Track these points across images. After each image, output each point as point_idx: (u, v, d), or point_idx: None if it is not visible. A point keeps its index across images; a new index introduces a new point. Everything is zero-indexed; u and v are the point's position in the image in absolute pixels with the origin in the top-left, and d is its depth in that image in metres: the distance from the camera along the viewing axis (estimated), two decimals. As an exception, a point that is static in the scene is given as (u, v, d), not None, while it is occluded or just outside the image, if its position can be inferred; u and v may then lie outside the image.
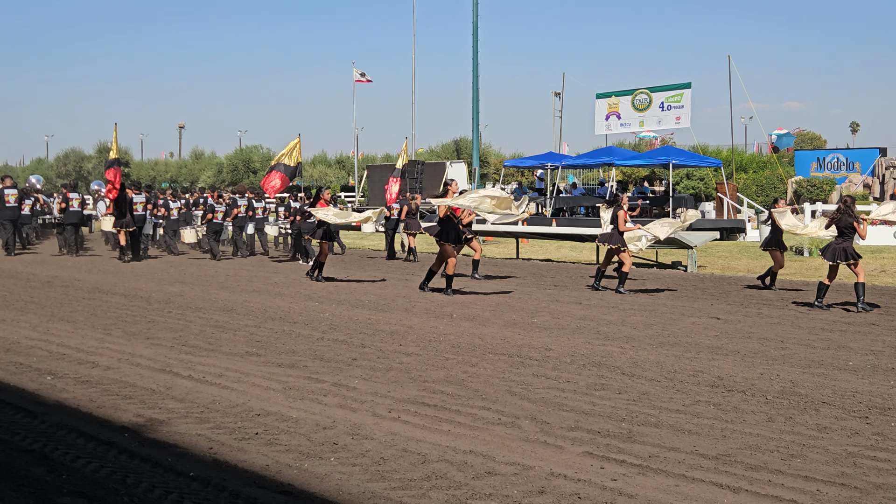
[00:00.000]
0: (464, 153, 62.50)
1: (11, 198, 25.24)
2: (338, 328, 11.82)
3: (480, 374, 8.92)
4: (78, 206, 25.45)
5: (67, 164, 75.11)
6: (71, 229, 25.61)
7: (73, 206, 25.18)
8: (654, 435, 6.66)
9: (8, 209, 25.16)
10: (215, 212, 24.42)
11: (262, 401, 7.75)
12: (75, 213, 25.37)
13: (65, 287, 16.71)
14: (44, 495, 5.30)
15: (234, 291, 16.04)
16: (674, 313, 13.43)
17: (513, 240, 27.09)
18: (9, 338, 10.97)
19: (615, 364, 9.42)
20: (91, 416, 7.25)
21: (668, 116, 40.27)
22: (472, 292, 16.00)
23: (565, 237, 25.96)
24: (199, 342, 10.72)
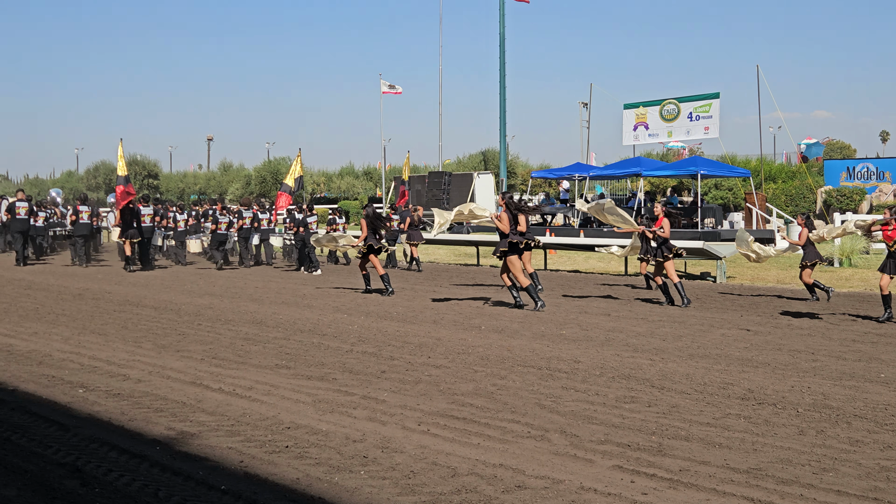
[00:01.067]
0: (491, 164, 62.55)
1: (22, 210, 26.57)
2: (366, 340, 11.85)
3: (509, 386, 8.91)
4: (87, 218, 26.51)
5: (97, 177, 75.64)
6: (81, 240, 26.57)
7: (83, 219, 26.32)
8: (685, 448, 6.64)
9: (18, 221, 26.53)
10: (219, 223, 25.54)
11: (292, 414, 7.78)
12: (85, 225, 26.44)
13: (95, 300, 16.84)
14: (77, 508, 5.35)
15: (264, 304, 16.11)
16: (703, 325, 13.37)
17: (540, 251, 27.04)
18: (41, 350, 11.07)
19: (644, 376, 9.39)
20: (123, 429, 7.30)
21: (696, 126, 40.16)
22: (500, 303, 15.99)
23: (594, 248, 25.85)
24: (229, 355, 10.78)
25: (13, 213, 26.79)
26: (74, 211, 26.64)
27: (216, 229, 25.56)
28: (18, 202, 26.86)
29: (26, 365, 10.10)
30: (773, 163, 53.63)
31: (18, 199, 27.24)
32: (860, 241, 23.63)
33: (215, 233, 25.62)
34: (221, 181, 74.32)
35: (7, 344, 11.53)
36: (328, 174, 74.80)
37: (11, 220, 27.04)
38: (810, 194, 41.05)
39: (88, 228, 26.74)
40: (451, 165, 67.31)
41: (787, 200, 41.12)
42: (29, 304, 15.96)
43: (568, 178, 39.36)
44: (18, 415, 7.74)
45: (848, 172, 40.95)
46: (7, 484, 5.80)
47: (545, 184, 55.16)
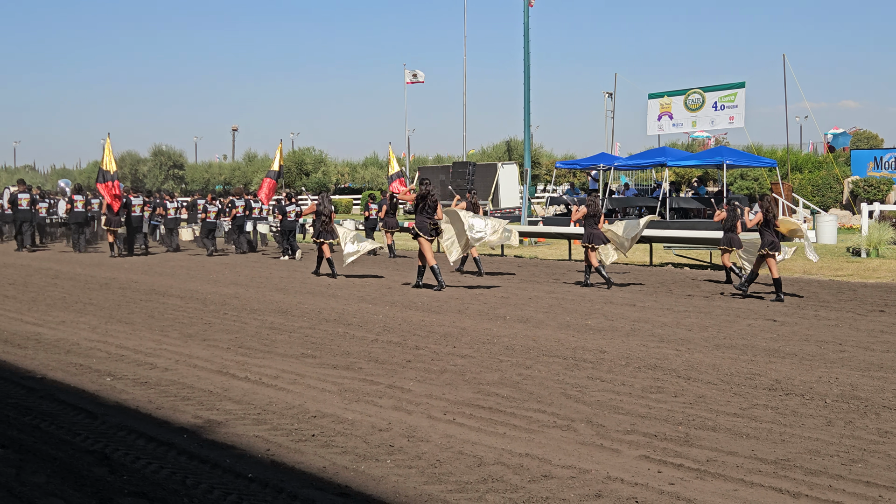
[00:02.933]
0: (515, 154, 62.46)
1: (24, 201, 28.59)
2: (392, 330, 11.86)
3: (535, 376, 8.90)
4: (82, 206, 28.16)
5: (123, 167, 75.73)
6: (76, 228, 28.42)
7: (77, 207, 28.05)
8: (712, 439, 6.61)
9: (21, 211, 28.57)
10: (208, 212, 27.20)
11: (318, 402, 7.80)
12: (79, 214, 28.15)
13: (122, 289, 16.93)
14: (106, 495, 5.38)
15: (289, 293, 16.15)
16: (729, 315, 13.31)
17: (565, 241, 27.02)
18: (69, 339, 11.14)
19: (671, 367, 9.36)
20: (150, 417, 7.34)
21: (721, 116, 39.94)
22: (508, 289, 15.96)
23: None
24: (255, 344, 10.82)
25: (15, 204, 28.58)
26: (69, 200, 28.33)
27: (206, 218, 27.19)
28: (20, 193, 28.67)
29: (54, 353, 10.17)
30: (800, 153, 53.29)
31: (20, 190, 29.05)
32: (888, 232, 23.46)
33: (205, 221, 27.26)
34: (246, 171, 74.39)
35: (35, 333, 11.62)
36: (352, 164, 74.87)
37: (15, 211, 28.72)
38: (837, 184, 40.80)
39: (83, 217, 28.34)
40: (475, 155, 67.23)
41: (814, 191, 40.87)
42: (56, 294, 16.07)
43: (593, 167, 39.22)
44: (47, 403, 7.80)
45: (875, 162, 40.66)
46: (37, 471, 5.84)
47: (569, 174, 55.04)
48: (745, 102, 38.89)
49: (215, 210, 27.38)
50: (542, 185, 60.99)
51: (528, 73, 34.36)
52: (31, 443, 6.52)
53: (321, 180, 67.59)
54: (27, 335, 11.42)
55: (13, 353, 10.19)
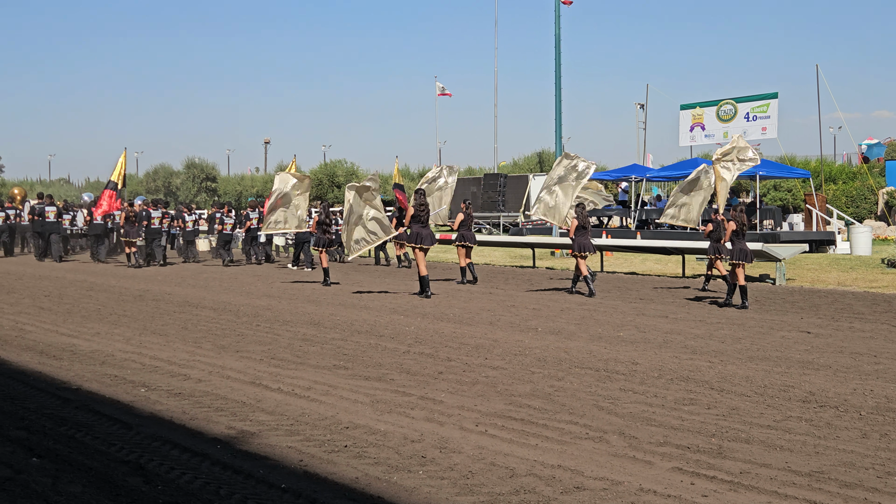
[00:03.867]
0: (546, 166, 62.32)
1: (51, 214, 29.91)
2: (423, 342, 11.88)
3: (567, 388, 8.89)
4: (101, 219, 29.33)
5: (157, 180, 76.38)
6: (95, 239, 29.82)
7: (96, 219, 29.29)
8: (745, 451, 6.58)
9: (48, 224, 29.85)
10: (224, 223, 28.17)
11: (351, 414, 7.82)
12: (99, 226, 29.52)
13: (156, 301, 17.06)
14: (141, 505, 5.44)
15: (321, 305, 16.21)
16: (762, 327, 13.24)
17: (597, 253, 26.98)
18: (104, 350, 11.24)
19: (703, 379, 9.32)
20: (184, 427, 7.39)
21: (753, 127, 39.70)
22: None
23: (650, 250, 25.70)
24: (288, 355, 10.87)
25: (42, 217, 29.81)
26: (88, 212, 29.75)
27: (222, 230, 28.18)
28: (47, 206, 29.94)
29: (89, 364, 10.26)
30: (833, 163, 52.88)
31: (46, 203, 30.24)
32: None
33: (221, 233, 28.26)
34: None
35: (70, 344, 11.73)
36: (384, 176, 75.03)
37: (42, 223, 29.91)
38: (871, 195, 40.48)
39: (102, 228, 29.75)
40: (507, 167, 67.15)
41: (848, 202, 40.60)
42: (91, 305, 16.22)
43: (625, 179, 39.13)
44: (82, 413, 7.87)
45: (911, 173, 40.26)
46: (73, 481, 5.90)
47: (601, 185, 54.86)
48: (777, 113, 38.64)
49: (231, 222, 28.45)
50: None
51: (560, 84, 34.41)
52: (67, 453, 6.58)
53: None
54: (62, 346, 11.53)
55: (49, 364, 10.29)
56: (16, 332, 12.73)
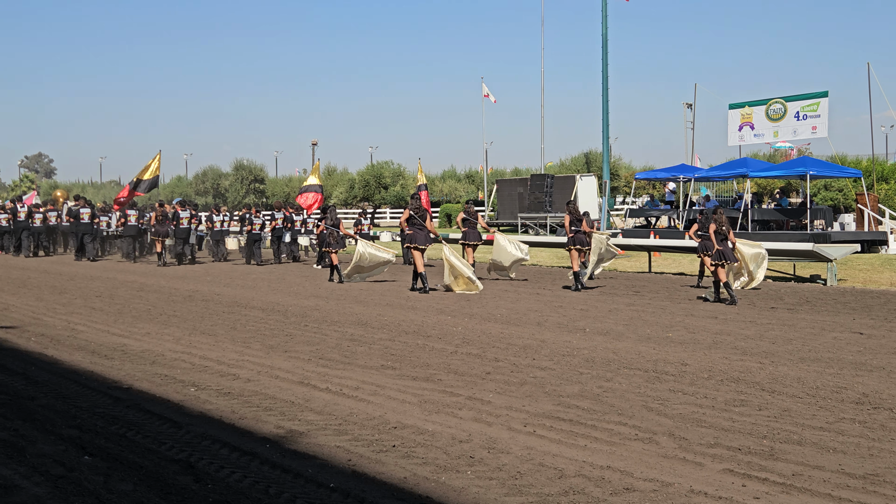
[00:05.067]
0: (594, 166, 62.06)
1: (86, 215, 31.53)
2: (471, 342, 11.87)
3: (616, 388, 8.84)
4: (135, 220, 31.05)
5: (206, 182, 77.05)
6: (129, 240, 31.24)
7: (130, 221, 30.95)
8: (798, 453, 6.49)
9: (83, 224, 31.55)
10: (253, 224, 29.12)
11: (399, 414, 7.83)
12: (132, 227, 31.01)
13: (205, 301, 17.20)
14: None
15: (369, 305, 16.25)
16: (814, 328, 13.08)
17: (645, 253, 26.80)
18: (154, 350, 11.34)
19: (754, 380, 9.22)
20: (233, 426, 7.44)
21: (803, 126, 39.24)
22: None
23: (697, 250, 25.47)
24: (336, 355, 10.90)
25: (77, 218, 31.59)
26: (123, 214, 31.06)
27: (251, 229, 29.10)
28: (82, 208, 31.62)
29: (140, 364, 10.36)
30: (886, 163, 52.05)
31: (80, 205, 31.92)
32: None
33: (250, 233, 29.15)
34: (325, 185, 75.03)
35: (121, 344, 11.85)
36: (430, 177, 75.04)
37: (77, 224, 31.67)
38: (925, 195, 39.82)
39: (136, 230, 31.17)
40: (553, 168, 66.95)
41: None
42: (141, 306, 16.38)
43: (672, 179, 38.85)
44: (133, 412, 7.95)
45: (965, 172, 39.56)
46: (124, 479, 5.95)
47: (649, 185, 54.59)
48: (828, 112, 38.16)
49: (259, 222, 29.44)
50: (620, 196, 60.59)
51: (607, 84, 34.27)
52: (119, 451, 6.64)
53: (399, 193, 67.93)
54: (114, 346, 11.66)
55: (101, 363, 10.41)
56: (68, 332, 12.89)
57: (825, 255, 20.30)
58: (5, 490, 5.70)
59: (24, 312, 15.36)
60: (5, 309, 15.86)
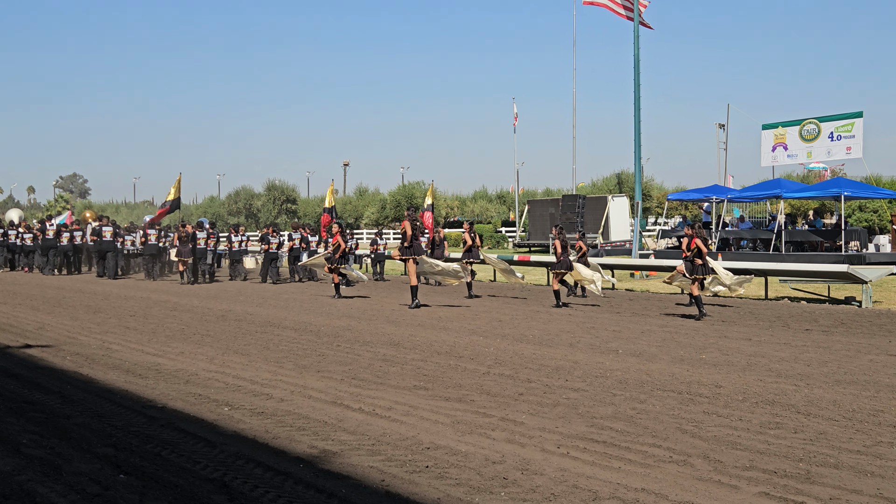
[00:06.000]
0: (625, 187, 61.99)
1: (108, 233, 32.50)
2: (503, 363, 11.85)
3: (649, 410, 8.79)
4: (155, 239, 31.78)
5: (238, 202, 77.58)
6: (150, 258, 32.03)
7: (150, 240, 31.72)
8: (835, 476, 6.43)
9: (105, 242, 32.43)
10: (269, 243, 30.40)
11: (432, 434, 7.83)
12: (153, 246, 31.87)
13: (238, 321, 17.28)
14: (226, 522, 5.49)
15: (400, 326, 16.27)
16: (849, 350, 12.97)
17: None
18: (188, 369, 11.40)
19: (789, 402, 9.15)
20: (267, 446, 7.45)
21: (837, 147, 39.03)
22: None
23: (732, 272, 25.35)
24: (368, 375, 10.91)
25: (99, 237, 32.48)
26: (144, 234, 31.95)
27: (268, 249, 30.33)
28: (104, 227, 32.68)
29: (174, 383, 10.42)
30: (922, 183, 51.66)
31: (103, 224, 33.12)
32: None
33: (267, 252, 30.33)
34: (357, 205, 75.37)
35: (155, 363, 11.92)
36: (461, 198, 75.23)
37: (99, 242, 32.55)
38: (962, 216, 39.41)
39: (156, 248, 32.01)
40: (585, 188, 66.91)
41: (937, 223, 39.54)
42: (175, 325, 16.48)
43: (705, 199, 38.70)
44: (168, 431, 7.99)
45: None
46: (159, 498, 5.98)
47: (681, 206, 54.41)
48: (863, 132, 37.95)
49: (276, 242, 30.75)
50: (653, 217, 60.40)
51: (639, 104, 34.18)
52: (153, 470, 6.68)
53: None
54: (148, 365, 11.73)
55: (135, 382, 10.48)
56: (103, 351, 12.99)
57: (860, 276, 20.16)
58: (42, 508, 5.75)
59: (60, 331, 15.49)
60: (41, 328, 16.00)
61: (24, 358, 12.37)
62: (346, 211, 74.83)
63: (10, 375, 10.87)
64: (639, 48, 34.26)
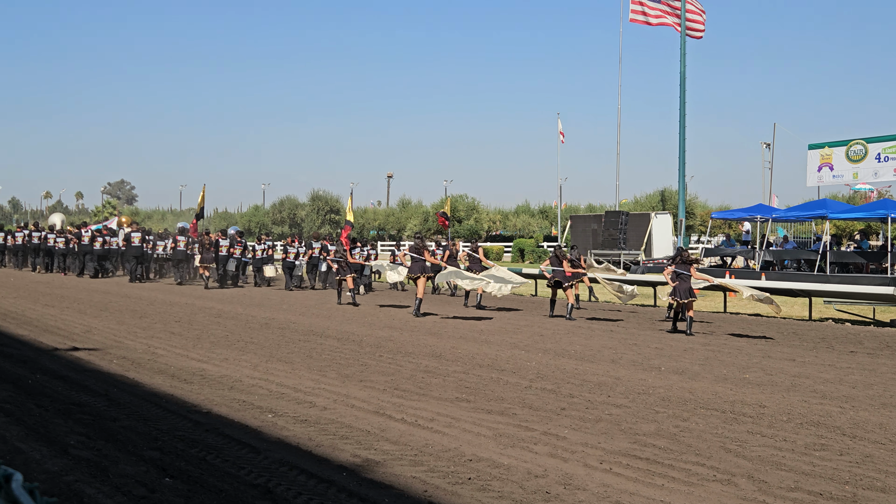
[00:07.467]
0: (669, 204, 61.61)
1: (136, 239, 33.56)
2: (545, 377, 11.81)
3: (692, 428, 8.72)
4: (183, 246, 32.93)
5: (282, 211, 78.02)
6: (177, 263, 33.23)
7: (179, 247, 32.91)
8: (882, 500, 6.35)
9: (133, 248, 33.55)
10: (288, 252, 31.57)
11: (474, 446, 7.81)
12: (181, 252, 32.97)
13: (281, 329, 17.35)
14: (270, 528, 5.50)
15: (442, 338, 16.27)
16: (895, 373, 12.79)
17: (720, 293, 26.46)
18: (232, 376, 11.47)
19: (835, 424, 9.04)
20: (310, 454, 7.48)
21: (885, 168, 38.54)
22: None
23: (775, 291, 25.15)
24: (410, 386, 10.92)
25: (129, 242, 33.69)
26: (173, 240, 33.19)
27: (286, 258, 31.52)
28: (133, 233, 33.98)
29: (218, 389, 10.48)
30: (970, 206, 50.91)
31: (133, 230, 34.65)
32: None
33: (286, 261, 31.52)
34: (400, 217, 75.55)
35: (200, 369, 12.00)
36: (504, 212, 75.14)
37: (128, 247, 33.85)
38: None
39: (184, 254, 33.09)
40: (628, 205, 66.55)
41: (985, 246, 38.96)
42: (219, 332, 16.58)
43: (749, 219, 38.39)
44: (213, 436, 8.04)
45: None
46: (204, 502, 6.02)
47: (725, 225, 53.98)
48: (911, 154, 37.46)
49: (294, 251, 31.68)
50: (696, 235, 59.99)
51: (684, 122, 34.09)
52: (199, 474, 6.72)
53: (473, 227, 68.09)
54: (193, 371, 11.81)
55: (180, 387, 10.55)
56: (148, 356, 13.10)
57: (906, 299, 19.88)
58: (90, 508, 5.80)
59: (106, 335, 15.64)
60: (88, 331, 16.17)
61: (72, 360, 12.51)
62: (388, 222, 75.08)
63: (58, 377, 10.99)
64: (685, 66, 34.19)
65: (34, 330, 16.13)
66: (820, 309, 24.00)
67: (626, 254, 45.13)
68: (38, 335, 15.33)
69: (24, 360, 12.37)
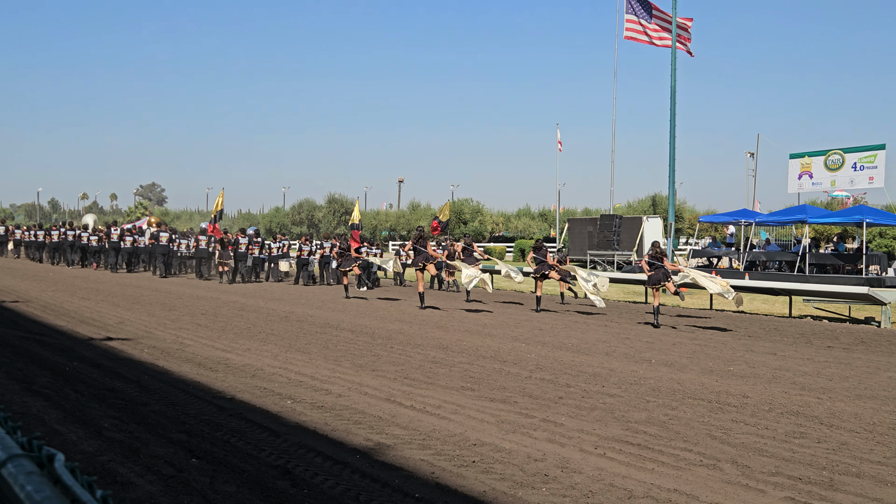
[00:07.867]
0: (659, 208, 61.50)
1: (164, 238, 33.90)
2: (544, 368, 11.80)
3: (681, 417, 8.71)
4: (205, 245, 32.99)
5: (301, 213, 78.03)
6: (199, 261, 33.52)
7: (201, 245, 33.06)
8: (856, 485, 6.33)
9: (161, 246, 33.85)
10: (301, 250, 32.08)
11: (478, 432, 7.81)
12: (203, 250, 33.13)
13: (299, 322, 17.36)
14: (289, 506, 5.51)
15: (449, 331, 16.26)
16: (869, 367, 12.76)
17: (706, 291, 26.41)
18: (254, 365, 11.48)
19: (813, 414, 9.02)
20: (326, 437, 7.48)
21: (860, 176, 38.50)
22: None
23: (758, 290, 25.08)
24: (419, 376, 10.92)
25: (157, 240, 33.99)
26: (196, 239, 33.28)
27: (300, 255, 32.02)
28: (161, 232, 34.27)
29: (241, 377, 10.49)
30: (939, 213, 50.76)
31: (161, 229, 34.97)
32: None
33: (299, 258, 32.04)
34: (410, 219, 75.47)
35: (224, 358, 12.01)
36: (506, 214, 75.04)
37: (155, 245, 34.16)
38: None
39: (205, 252, 33.19)
40: (622, 209, 66.40)
41: (954, 250, 38.89)
42: (242, 324, 16.59)
43: (734, 223, 38.33)
44: (236, 420, 8.04)
45: None
46: (228, 481, 6.02)
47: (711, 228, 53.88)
48: (885, 163, 37.41)
49: (307, 249, 32.27)
50: (684, 238, 59.90)
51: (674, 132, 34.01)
52: (223, 456, 6.73)
53: (478, 229, 68.04)
54: (217, 360, 11.82)
55: (206, 375, 10.56)
56: (176, 346, 13.11)
57: (879, 298, 19.83)
58: (123, 486, 5.81)
59: (138, 326, 15.66)
60: (121, 323, 16.19)
61: (106, 349, 12.52)
62: (399, 224, 74.99)
63: (93, 365, 11.01)
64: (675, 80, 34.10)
65: (71, 321, 16.16)
66: (799, 307, 23.95)
67: (619, 254, 45.10)
68: (76, 326, 15.35)
69: (62, 349, 12.39)
